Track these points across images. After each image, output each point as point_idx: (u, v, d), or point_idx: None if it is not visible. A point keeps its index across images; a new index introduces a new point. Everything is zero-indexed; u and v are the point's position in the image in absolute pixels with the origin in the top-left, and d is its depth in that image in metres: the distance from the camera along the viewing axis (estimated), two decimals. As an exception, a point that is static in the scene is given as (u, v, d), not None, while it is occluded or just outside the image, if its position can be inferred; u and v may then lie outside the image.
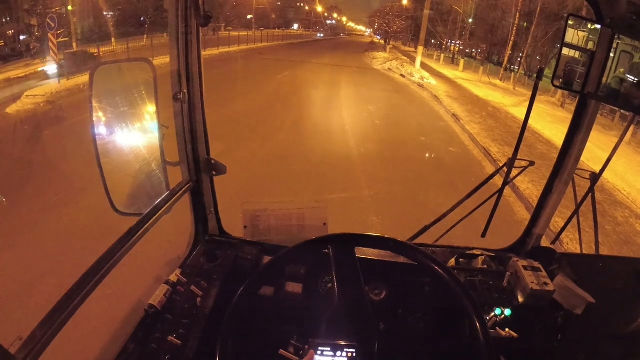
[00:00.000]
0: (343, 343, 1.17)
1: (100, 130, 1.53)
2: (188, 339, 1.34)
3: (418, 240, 2.03)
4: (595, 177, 2.02)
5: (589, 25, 1.64)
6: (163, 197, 1.58)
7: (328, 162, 7.89)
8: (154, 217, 1.47)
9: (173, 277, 1.53)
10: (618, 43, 1.56)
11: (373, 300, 1.70)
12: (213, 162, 1.80)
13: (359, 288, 1.27)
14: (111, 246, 1.28)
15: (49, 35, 14.95)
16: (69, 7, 22.85)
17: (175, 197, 1.63)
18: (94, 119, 1.48)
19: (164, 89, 1.60)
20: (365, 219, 5.79)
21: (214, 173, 1.82)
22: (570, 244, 4.92)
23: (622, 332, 1.66)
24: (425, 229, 2.08)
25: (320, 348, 1.16)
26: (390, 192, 6.84)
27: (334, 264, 1.29)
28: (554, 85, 1.73)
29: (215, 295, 1.52)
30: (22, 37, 22.59)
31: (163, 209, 1.53)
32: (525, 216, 6.39)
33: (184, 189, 1.70)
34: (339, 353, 1.16)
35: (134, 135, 1.64)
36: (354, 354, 1.17)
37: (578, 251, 2.37)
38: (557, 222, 2.73)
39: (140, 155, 1.66)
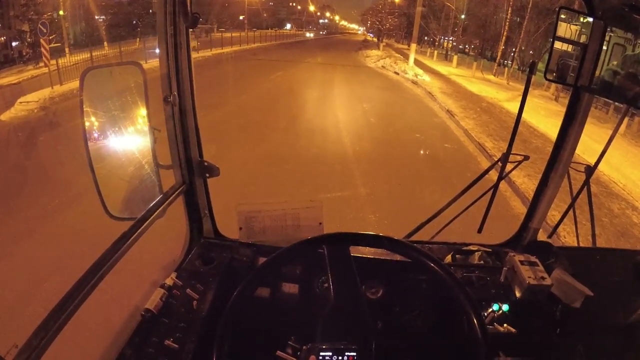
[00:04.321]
0: (344, 347, 1.17)
1: (92, 134, 1.52)
2: (185, 342, 1.33)
3: (414, 238, 2.03)
4: (590, 170, 2.02)
5: (581, 18, 1.64)
6: (156, 200, 1.57)
7: (323, 160, 7.89)
8: (148, 221, 1.46)
9: (169, 281, 1.52)
10: (610, 35, 1.56)
11: (369, 298, 1.69)
12: (206, 164, 1.79)
13: (355, 287, 1.26)
14: (105, 251, 1.27)
15: (41, 40, 14.92)
16: (61, 12, 22.77)
17: (169, 200, 1.62)
18: (86, 123, 1.47)
19: (156, 91, 1.59)
20: (362, 217, 5.79)
21: (207, 175, 1.82)
22: (567, 237, 4.93)
23: (621, 324, 1.66)
24: (421, 226, 2.08)
25: (322, 353, 1.16)
26: (386, 190, 6.84)
27: (329, 264, 1.28)
28: (546, 79, 1.73)
29: (211, 298, 1.51)
30: (14, 44, 22.50)
31: (157, 213, 1.52)
32: (522, 210, 6.40)
33: (177, 192, 1.69)
34: (340, 357, 1.16)
35: (126, 139, 1.63)
36: (355, 358, 1.16)
37: (575, 244, 2.37)
38: (554, 215, 2.73)
39: (132, 158, 1.64)
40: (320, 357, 1.16)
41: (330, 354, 1.16)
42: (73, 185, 5.38)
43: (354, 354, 1.16)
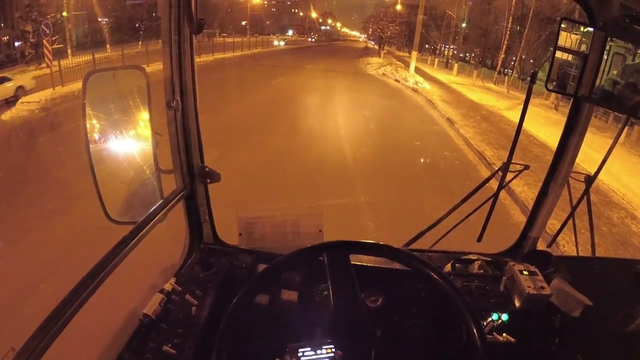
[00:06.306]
0: (320, 341, 1.15)
1: (94, 137, 1.52)
2: (183, 348, 1.32)
3: (414, 246, 2.02)
4: (590, 179, 2.02)
5: (582, 28, 1.65)
6: (157, 205, 1.57)
7: (323, 167, 7.89)
8: (148, 226, 1.46)
9: (168, 286, 1.51)
10: (611, 45, 1.56)
11: (369, 307, 1.69)
12: (207, 169, 1.78)
13: (354, 295, 1.26)
14: (105, 255, 1.27)
15: (44, 41, 14.99)
16: (64, 14, 22.85)
17: (170, 205, 1.62)
18: (88, 126, 1.47)
19: (158, 96, 1.59)
20: (362, 224, 5.78)
21: (208, 181, 1.81)
22: (566, 246, 4.93)
23: (620, 333, 1.65)
24: (421, 234, 2.07)
25: (300, 349, 1.14)
26: (385, 198, 6.84)
27: (329, 272, 1.28)
28: (547, 89, 1.73)
29: (210, 304, 1.51)
30: (16, 44, 22.56)
31: (157, 217, 1.52)
32: (521, 219, 6.40)
33: (178, 197, 1.68)
34: (319, 352, 1.14)
35: (128, 143, 1.63)
36: (334, 349, 1.15)
37: (574, 254, 2.36)
38: (553, 224, 2.72)
39: (134, 162, 1.64)
40: (300, 353, 1.14)
41: (309, 349, 1.14)
42: (72, 187, 5.38)
43: (332, 346, 1.15)
